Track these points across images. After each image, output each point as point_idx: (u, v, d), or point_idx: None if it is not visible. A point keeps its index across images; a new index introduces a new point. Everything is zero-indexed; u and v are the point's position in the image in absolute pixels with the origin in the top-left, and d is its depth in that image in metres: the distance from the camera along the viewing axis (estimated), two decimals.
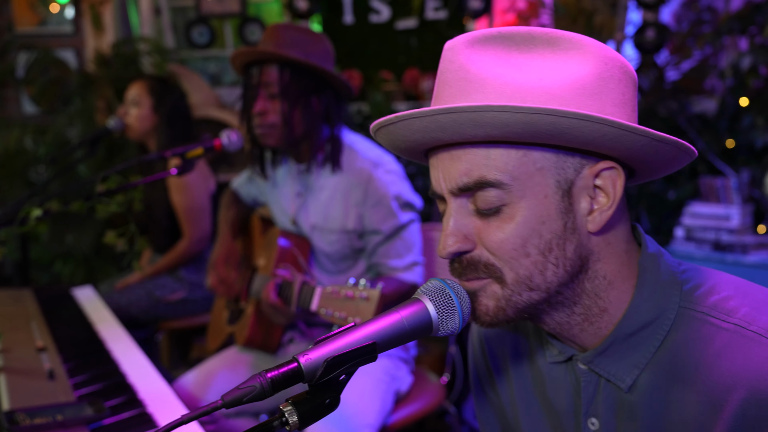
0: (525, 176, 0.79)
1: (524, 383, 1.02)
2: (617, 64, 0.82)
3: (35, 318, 2.09)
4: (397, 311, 0.73)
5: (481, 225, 0.82)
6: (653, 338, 0.85)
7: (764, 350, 0.78)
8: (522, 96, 0.78)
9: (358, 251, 1.99)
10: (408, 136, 0.83)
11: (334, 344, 0.69)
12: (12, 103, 4.44)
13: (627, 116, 0.82)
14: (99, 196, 1.74)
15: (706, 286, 0.86)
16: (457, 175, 0.81)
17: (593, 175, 0.82)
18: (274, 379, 0.66)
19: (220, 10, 4.26)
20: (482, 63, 0.80)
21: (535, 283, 0.82)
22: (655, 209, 3.58)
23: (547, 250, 0.81)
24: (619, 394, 0.87)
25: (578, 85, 0.79)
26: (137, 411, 1.47)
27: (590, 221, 0.82)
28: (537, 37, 0.81)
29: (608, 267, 0.85)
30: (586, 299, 0.85)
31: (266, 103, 1.89)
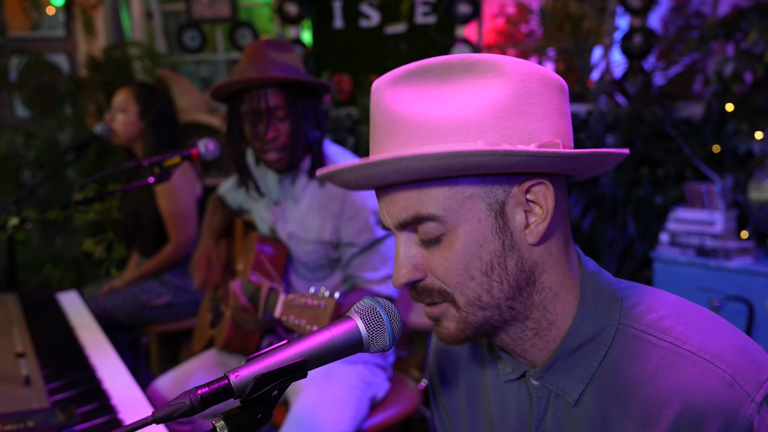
0: (456, 206, 0.83)
1: (474, 402, 1.05)
2: (536, 77, 0.84)
3: (17, 323, 2.12)
4: (329, 329, 0.76)
5: (427, 254, 0.86)
6: (596, 353, 0.88)
7: (696, 368, 0.81)
8: (443, 131, 0.81)
9: (334, 261, 2.01)
10: (346, 183, 0.87)
11: (264, 362, 0.71)
12: (5, 106, 4.47)
13: (552, 127, 0.84)
14: (76, 205, 1.76)
15: (644, 304, 0.89)
16: (396, 213, 0.86)
17: (523, 191, 0.85)
18: (204, 396, 0.69)
19: (211, 15, 4.28)
20: (404, 101, 0.83)
21: (485, 302, 0.86)
22: (641, 214, 3.60)
23: (489, 270, 0.84)
24: (567, 408, 0.90)
25: (497, 108, 0.81)
26: (109, 417, 1.49)
27: (528, 234, 0.85)
28: (454, 65, 0.84)
29: (553, 277, 0.88)
30: (536, 312, 0.89)
31: (277, 127, 1.90)
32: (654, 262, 3.23)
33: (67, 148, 2.78)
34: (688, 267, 3.11)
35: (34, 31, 4.41)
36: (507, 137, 0.81)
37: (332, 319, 1.52)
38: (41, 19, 4.40)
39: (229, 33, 4.32)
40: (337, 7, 4.13)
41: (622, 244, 3.62)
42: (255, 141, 1.92)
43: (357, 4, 4.12)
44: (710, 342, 0.83)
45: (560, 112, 0.86)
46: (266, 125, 1.88)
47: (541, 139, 0.82)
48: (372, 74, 4.07)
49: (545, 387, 0.92)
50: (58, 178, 3.73)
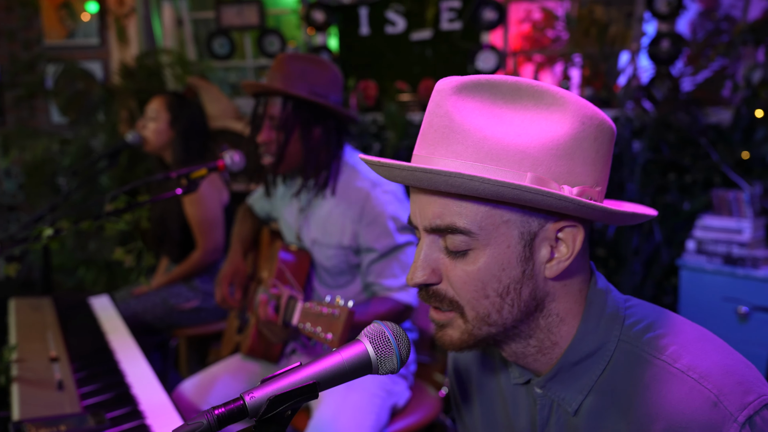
0: (491, 227, 0.86)
1: (489, 404, 1.09)
2: (595, 122, 0.87)
3: (51, 327, 2.20)
4: (339, 352, 0.79)
5: (449, 263, 0.89)
6: (595, 367, 0.91)
7: (683, 386, 0.84)
8: (498, 154, 0.83)
9: (355, 267, 2.05)
10: (388, 176, 0.90)
11: (278, 383, 0.75)
12: (41, 113, 4.61)
13: (597, 173, 0.88)
14: (107, 216, 1.83)
15: (644, 323, 0.92)
16: (431, 216, 0.88)
17: (556, 229, 0.88)
18: (220, 415, 0.73)
19: (239, 22, 4.36)
20: (466, 112, 0.85)
21: (493, 320, 0.89)
22: (668, 221, 3.57)
23: (504, 293, 0.88)
24: (567, 417, 0.95)
25: (553, 145, 0.84)
26: (136, 423, 1.55)
27: (548, 269, 0.89)
28: (523, 89, 0.86)
29: (561, 306, 0.92)
30: (540, 333, 0.93)
31: (271, 133, 1.97)
32: (680, 270, 3.21)
33: (99, 155, 2.87)
34: (714, 275, 3.09)
35: (69, 40, 4.53)
36: (555, 175, 0.84)
37: (345, 327, 1.56)
38: (76, 27, 4.52)
39: (258, 40, 4.39)
40: (364, 13, 4.17)
41: (648, 252, 3.60)
42: (252, 141, 2.03)
43: (383, 11, 4.15)
44: (700, 362, 0.85)
45: (605, 160, 0.90)
46: (258, 129, 2.00)
47: (584, 183, 0.86)
48: (397, 80, 4.11)
49: (547, 396, 0.96)
50: (91, 185, 3.83)
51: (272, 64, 2.03)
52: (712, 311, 3.07)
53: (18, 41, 4.57)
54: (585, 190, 0.86)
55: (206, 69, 4.35)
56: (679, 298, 3.20)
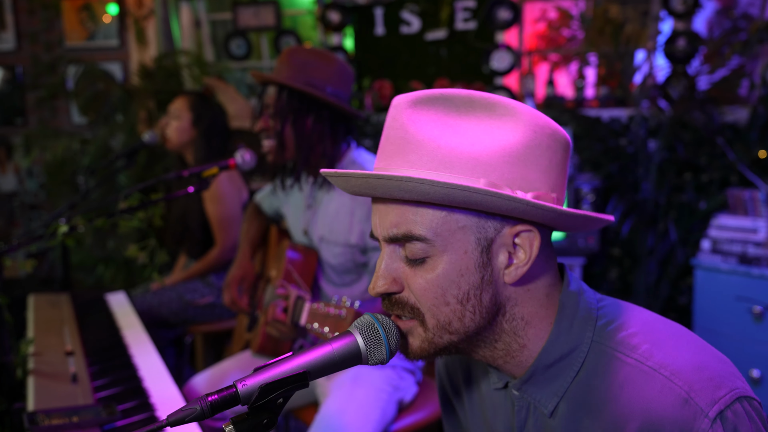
0: (448, 233, 0.87)
1: (474, 407, 1.11)
2: (547, 131, 0.89)
3: (68, 323, 2.25)
4: (330, 343, 0.82)
5: (409, 271, 0.90)
6: (569, 369, 0.92)
7: (656, 384, 0.85)
8: (452, 161, 0.85)
9: (361, 266, 2.08)
10: (347, 188, 0.92)
11: (270, 372, 0.78)
12: (62, 113, 4.69)
13: (552, 181, 0.89)
14: (121, 213, 1.87)
15: (617, 323, 0.93)
16: (389, 226, 0.90)
17: (512, 234, 0.89)
18: (213, 402, 0.75)
19: (256, 23, 4.41)
20: (421, 124, 0.87)
21: (454, 327, 0.90)
22: (683, 220, 3.55)
23: (465, 300, 0.89)
24: (544, 419, 0.96)
25: (506, 152, 0.86)
26: (147, 414, 1.59)
27: (507, 274, 0.90)
28: (476, 101, 0.88)
29: (525, 310, 0.93)
30: (506, 337, 0.93)
31: (267, 122, 2.02)
32: (695, 269, 3.19)
33: (117, 155, 2.93)
34: (729, 275, 3.06)
35: (89, 41, 4.61)
36: (509, 181, 0.85)
37: None
38: (97, 29, 4.60)
39: (274, 41, 4.44)
40: (379, 14, 4.20)
41: (663, 251, 3.58)
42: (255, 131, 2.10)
43: (398, 11, 4.17)
44: (671, 359, 0.86)
45: (560, 168, 0.91)
46: (259, 116, 2.06)
47: (538, 189, 0.87)
48: (412, 80, 4.12)
49: (524, 398, 0.97)
50: (109, 184, 3.90)
51: (279, 57, 2.08)
52: (726, 311, 3.05)
53: (40, 43, 4.66)
54: (540, 195, 0.87)
55: (223, 70, 4.41)
56: (694, 298, 3.18)
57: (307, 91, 1.97)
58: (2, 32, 4.70)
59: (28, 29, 4.69)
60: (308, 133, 2.00)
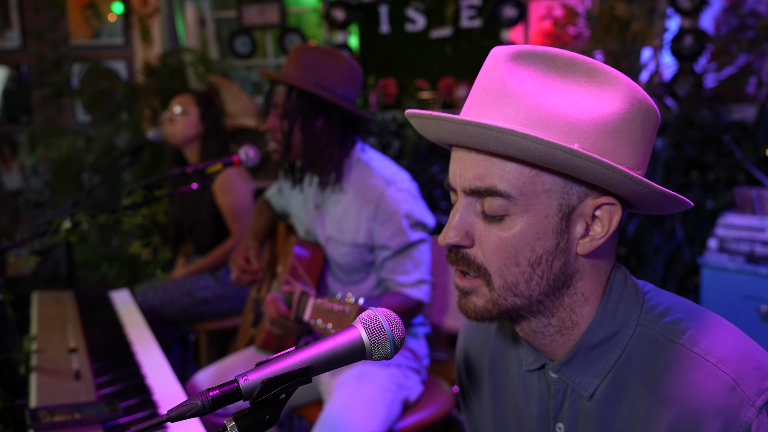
0: (532, 194, 0.85)
1: (499, 394, 1.09)
2: (644, 106, 0.87)
3: (72, 320, 2.24)
4: (333, 338, 0.80)
5: (483, 227, 0.89)
6: (613, 351, 0.91)
7: (701, 370, 0.84)
8: (548, 121, 0.83)
9: (369, 264, 2.06)
10: (437, 132, 0.89)
11: (272, 367, 0.76)
12: (67, 111, 4.70)
13: (639, 157, 0.88)
14: (124, 210, 1.86)
15: (662, 307, 0.92)
16: (472, 178, 0.87)
17: (594, 206, 0.88)
18: (214, 397, 0.74)
19: (261, 21, 4.40)
20: (520, 79, 0.85)
21: (520, 290, 0.89)
22: (690, 219, 3.53)
23: (536, 264, 0.87)
24: (582, 402, 0.94)
25: (602, 121, 0.84)
26: (149, 411, 1.58)
27: (581, 245, 0.89)
28: (578, 64, 0.87)
29: (588, 285, 0.92)
30: (563, 312, 0.92)
31: (275, 121, 2.00)
32: (702, 268, 3.17)
33: (121, 152, 2.92)
34: (736, 274, 3.04)
35: (94, 40, 4.61)
36: (601, 151, 0.84)
37: None
38: (101, 27, 4.60)
39: (279, 39, 4.43)
40: (384, 12, 4.18)
41: (670, 250, 3.56)
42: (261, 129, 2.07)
43: (403, 9, 4.16)
44: (718, 347, 0.85)
45: (649, 144, 0.89)
46: (266, 115, 2.03)
47: (626, 164, 0.85)
48: (417, 78, 4.11)
49: (562, 380, 0.95)
50: (114, 181, 3.90)
51: (287, 55, 2.06)
52: (733, 310, 3.03)
53: (45, 41, 4.66)
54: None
55: (228, 68, 4.40)
56: (701, 297, 3.15)
57: (319, 94, 1.95)
58: (8, 30, 4.71)
59: (34, 28, 4.69)
60: (317, 135, 1.99)
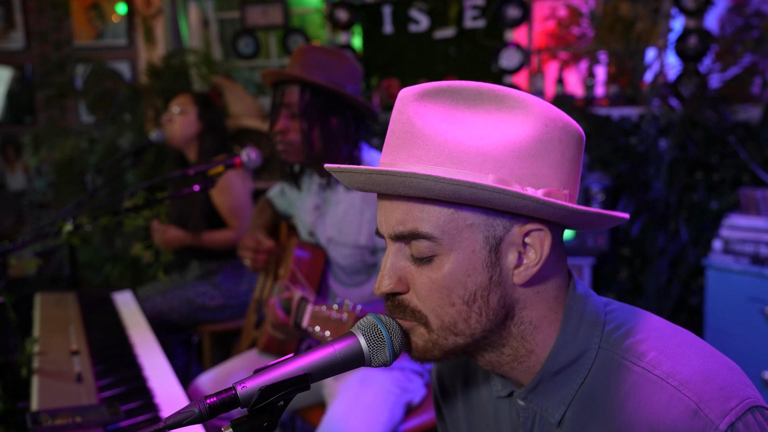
0: (455, 231, 0.84)
1: (474, 415, 1.07)
2: (558, 125, 0.85)
3: (74, 321, 2.24)
4: (332, 345, 0.80)
5: (414, 270, 0.87)
6: (576, 376, 0.89)
7: (663, 394, 0.82)
8: (458, 156, 0.82)
9: (371, 266, 2.05)
10: (353, 184, 0.89)
11: (270, 374, 0.76)
12: (71, 112, 4.70)
13: (563, 177, 0.85)
14: (126, 212, 1.86)
15: (624, 328, 0.89)
16: (395, 223, 0.86)
17: (522, 233, 0.85)
18: (212, 405, 0.73)
19: (264, 22, 4.39)
20: (427, 117, 0.84)
21: (459, 329, 0.87)
22: (695, 220, 3.51)
23: (471, 301, 0.85)
24: (551, 429, 0.92)
25: (515, 147, 0.82)
26: (151, 415, 1.57)
27: (516, 275, 0.86)
28: (484, 94, 0.85)
29: (534, 313, 0.89)
30: (513, 342, 0.90)
31: (287, 122, 1.98)
32: (706, 269, 3.16)
33: (124, 153, 2.92)
34: (741, 275, 3.02)
35: (98, 40, 4.62)
36: (518, 177, 0.82)
37: None
38: (105, 28, 4.60)
39: (282, 39, 4.42)
40: (387, 12, 4.18)
41: (674, 251, 3.55)
42: (270, 131, 2.03)
43: (406, 10, 4.15)
44: (680, 368, 0.83)
45: (573, 164, 0.87)
46: (276, 117, 1.99)
47: (550, 186, 0.84)
48: (421, 78, 4.10)
49: (530, 407, 0.94)
50: (117, 183, 3.90)
51: (292, 55, 2.04)
52: (738, 312, 3.01)
53: (49, 42, 4.67)
54: (551, 192, 0.83)
55: (231, 69, 4.40)
56: (706, 299, 3.14)
57: (334, 89, 1.94)
58: (11, 31, 4.71)
59: (37, 28, 4.70)
60: (334, 133, 1.98)
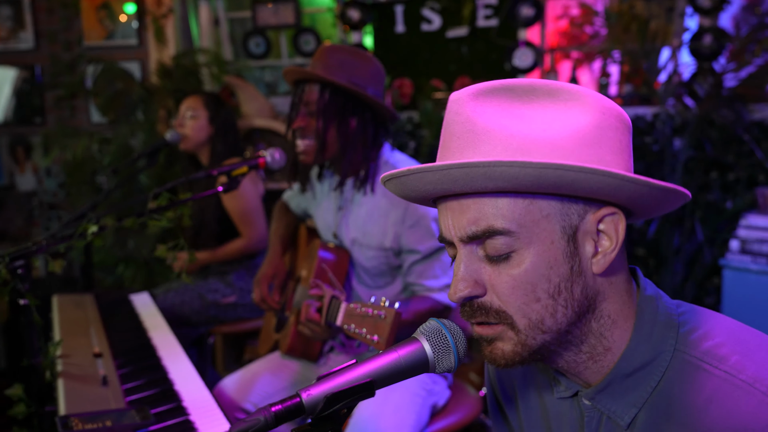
0: (532, 223, 0.83)
1: (532, 416, 1.05)
2: (614, 113, 0.86)
3: (94, 323, 2.23)
4: (396, 350, 0.78)
5: (491, 271, 0.85)
6: (650, 379, 0.87)
7: (751, 400, 0.80)
8: (528, 148, 0.81)
9: (395, 268, 2.04)
10: (420, 187, 0.86)
11: (334, 381, 0.74)
12: (81, 113, 4.68)
13: (624, 163, 0.86)
14: (150, 213, 1.84)
15: (701, 331, 0.88)
16: (466, 224, 0.84)
17: (597, 220, 0.85)
18: (277, 413, 0.72)
19: (275, 21, 4.37)
20: (487, 115, 0.83)
21: (547, 325, 0.85)
22: (710, 219, 3.49)
23: (556, 294, 0.84)
24: (619, 430, 0.90)
25: (579, 135, 0.82)
26: (181, 419, 1.56)
27: (594, 263, 0.86)
28: (538, 89, 0.85)
29: (612, 306, 0.88)
30: (592, 338, 0.89)
31: (306, 120, 1.96)
32: (723, 270, 3.14)
33: (139, 154, 2.90)
34: (759, 276, 3.01)
35: (108, 40, 4.60)
36: (587, 163, 0.81)
37: (392, 329, 1.54)
38: (115, 28, 4.59)
39: (293, 39, 4.40)
40: (399, 11, 4.16)
41: (690, 251, 3.53)
42: (289, 130, 2.01)
43: (419, 9, 4.13)
44: (766, 373, 0.81)
45: (629, 149, 0.87)
46: (296, 114, 1.97)
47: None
48: (433, 78, 4.08)
49: (597, 408, 0.92)
50: (131, 183, 3.88)
51: (314, 54, 2.03)
52: (756, 312, 2.99)
53: (59, 42, 4.65)
54: None
55: (242, 68, 4.38)
56: (723, 299, 3.12)
57: (355, 90, 1.92)
58: (21, 32, 4.70)
59: (47, 29, 4.67)
60: (352, 133, 1.96)
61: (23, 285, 1.72)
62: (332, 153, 1.99)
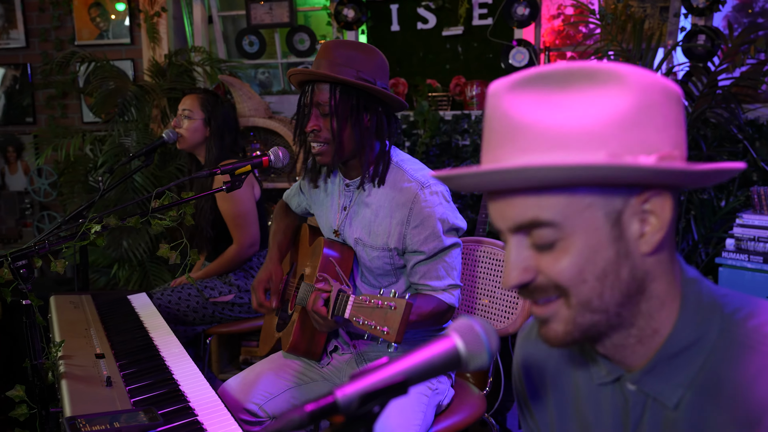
0: (575, 214, 0.84)
1: (564, 408, 1.06)
2: (657, 88, 0.84)
3: (94, 324, 2.20)
4: (428, 347, 0.78)
5: (539, 257, 0.88)
6: (696, 358, 0.89)
7: None
8: (565, 140, 0.81)
9: (399, 268, 2.03)
10: (462, 185, 0.89)
11: (368, 379, 0.74)
12: (74, 112, 4.64)
13: (672, 138, 0.85)
14: (153, 212, 1.83)
15: (745, 311, 0.89)
16: (512, 216, 0.87)
17: (641, 201, 0.85)
18: (312, 412, 0.71)
19: (269, 20, 4.35)
20: (523, 107, 0.84)
21: (595, 306, 0.87)
22: (705, 218, 3.52)
23: (602, 276, 0.86)
24: (665, 412, 0.91)
25: (618, 118, 0.81)
26: (189, 419, 1.54)
27: (643, 243, 0.87)
28: (575, 72, 0.84)
29: (661, 287, 0.89)
30: (642, 320, 0.90)
31: (319, 121, 1.94)
32: (720, 268, 3.16)
33: (136, 153, 2.87)
34: (755, 274, 3.03)
35: (101, 39, 4.56)
36: (628, 148, 0.81)
37: (404, 320, 1.53)
38: (108, 27, 4.55)
39: (287, 37, 4.39)
40: (394, 10, 4.16)
41: (685, 250, 3.55)
42: (301, 132, 1.97)
43: (414, 7, 4.13)
44: None
45: (678, 123, 0.86)
46: (308, 117, 1.93)
47: (660, 150, 0.83)
48: (428, 77, 4.08)
49: (642, 392, 0.93)
50: (125, 183, 3.84)
51: (318, 52, 2.00)
52: None
53: (50, 41, 4.61)
54: (664, 155, 0.82)
55: (236, 67, 4.35)
56: None
57: (365, 86, 1.90)
58: (12, 30, 4.65)
59: (39, 27, 4.63)
60: (367, 129, 1.95)
61: (26, 285, 1.70)
62: (349, 151, 1.97)
